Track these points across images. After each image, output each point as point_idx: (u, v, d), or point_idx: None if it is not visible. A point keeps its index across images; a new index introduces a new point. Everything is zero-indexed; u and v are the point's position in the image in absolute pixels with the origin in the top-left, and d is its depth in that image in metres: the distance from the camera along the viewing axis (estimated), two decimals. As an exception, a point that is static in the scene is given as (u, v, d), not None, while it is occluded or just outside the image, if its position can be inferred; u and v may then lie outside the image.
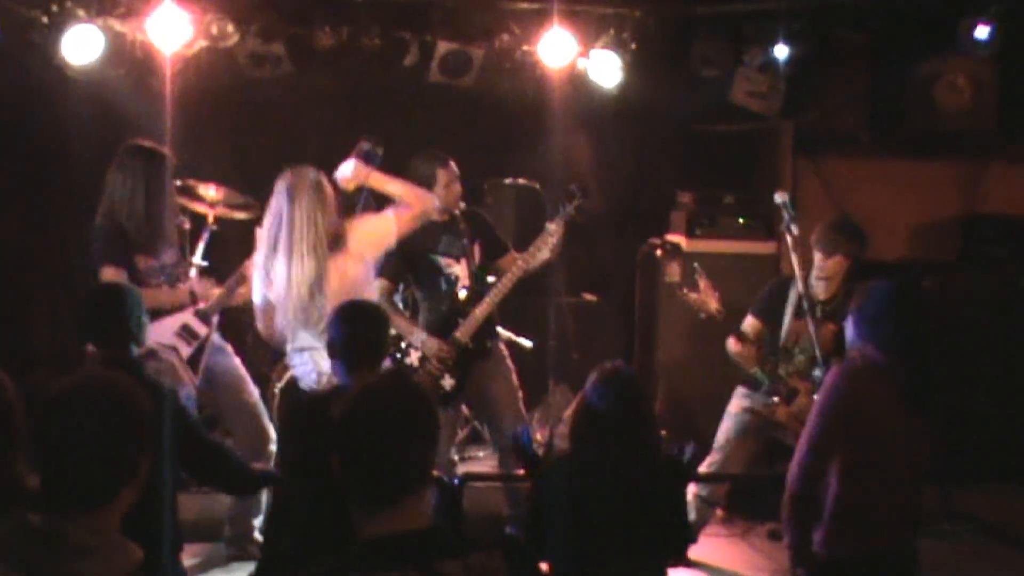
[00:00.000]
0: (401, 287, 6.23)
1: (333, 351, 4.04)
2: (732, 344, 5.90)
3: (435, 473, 3.68)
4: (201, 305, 5.59)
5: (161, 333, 5.38)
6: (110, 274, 5.28)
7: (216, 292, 5.67)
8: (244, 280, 5.59)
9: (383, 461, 2.26)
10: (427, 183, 5.83)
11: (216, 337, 5.71)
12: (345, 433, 2.29)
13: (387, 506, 2.27)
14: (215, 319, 5.67)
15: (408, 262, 5.90)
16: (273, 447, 5.81)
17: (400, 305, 6.29)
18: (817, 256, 5.81)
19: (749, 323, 5.98)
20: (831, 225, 5.87)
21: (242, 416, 5.67)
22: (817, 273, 5.81)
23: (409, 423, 2.30)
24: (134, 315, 4.07)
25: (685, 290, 5.99)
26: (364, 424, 2.28)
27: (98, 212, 5.49)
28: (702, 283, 5.89)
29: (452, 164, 5.87)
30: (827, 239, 5.77)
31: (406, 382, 2.44)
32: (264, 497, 5.99)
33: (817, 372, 5.52)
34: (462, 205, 6.02)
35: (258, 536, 5.68)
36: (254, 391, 5.84)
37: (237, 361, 5.87)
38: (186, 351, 5.50)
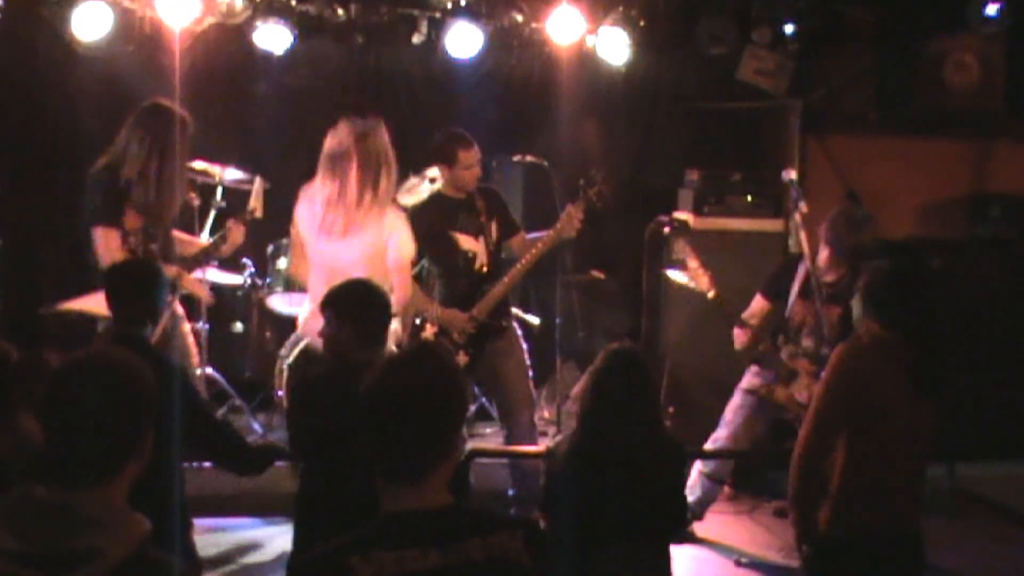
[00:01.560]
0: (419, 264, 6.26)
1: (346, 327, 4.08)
2: (736, 337, 5.87)
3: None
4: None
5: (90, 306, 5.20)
6: (106, 234, 5.21)
7: (200, 245, 5.59)
8: (227, 239, 5.57)
9: (408, 437, 2.25)
10: (446, 160, 5.86)
11: (177, 305, 5.63)
12: (371, 407, 2.29)
13: (410, 481, 2.27)
14: (178, 290, 5.55)
15: (426, 239, 5.92)
16: None
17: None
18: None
19: (756, 303, 5.96)
20: (830, 217, 5.77)
21: None
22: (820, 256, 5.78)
23: (436, 398, 2.29)
24: (156, 296, 4.06)
25: (674, 270, 5.99)
26: (390, 398, 2.27)
27: (98, 161, 5.40)
28: (691, 263, 5.89)
29: (475, 148, 5.87)
30: (825, 230, 5.71)
31: (435, 356, 2.43)
32: None
33: (824, 352, 5.52)
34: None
35: None
36: (195, 373, 5.79)
37: (191, 336, 5.81)
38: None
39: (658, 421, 4.00)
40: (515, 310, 6.95)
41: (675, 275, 6.30)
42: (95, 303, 5.09)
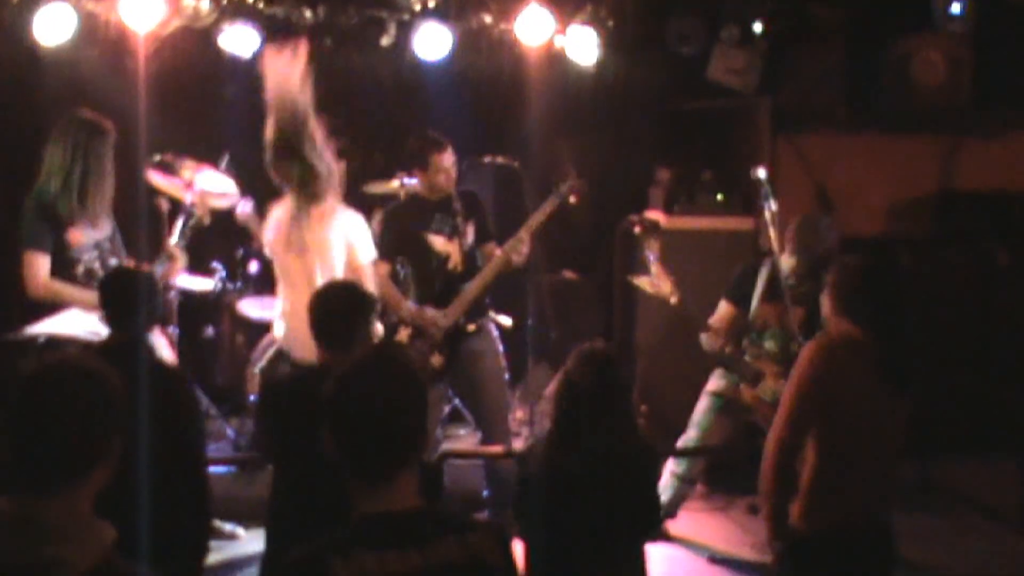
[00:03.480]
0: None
1: (312, 331, 4.06)
2: (704, 341, 5.88)
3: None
4: None
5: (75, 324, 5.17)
6: (32, 261, 5.13)
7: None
8: (172, 259, 5.52)
9: (375, 437, 2.27)
10: (420, 164, 5.86)
11: None
12: (336, 409, 2.30)
13: (381, 483, 2.28)
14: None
15: (400, 240, 5.91)
16: None
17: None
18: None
19: (721, 309, 5.96)
20: (794, 226, 5.78)
21: None
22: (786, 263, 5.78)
23: (399, 398, 2.31)
24: (155, 302, 4.02)
25: (637, 276, 6.00)
26: (355, 400, 2.29)
27: (32, 186, 5.33)
28: (654, 268, 5.91)
29: (448, 150, 5.87)
30: (789, 239, 5.73)
31: (394, 358, 2.44)
32: None
33: (793, 349, 5.53)
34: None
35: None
36: None
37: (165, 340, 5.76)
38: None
39: (632, 422, 4.00)
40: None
41: (639, 281, 6.33)
42: (63, 323, 5.06)
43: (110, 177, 5.41)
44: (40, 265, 5.14)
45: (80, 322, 5.03)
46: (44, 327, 5.03)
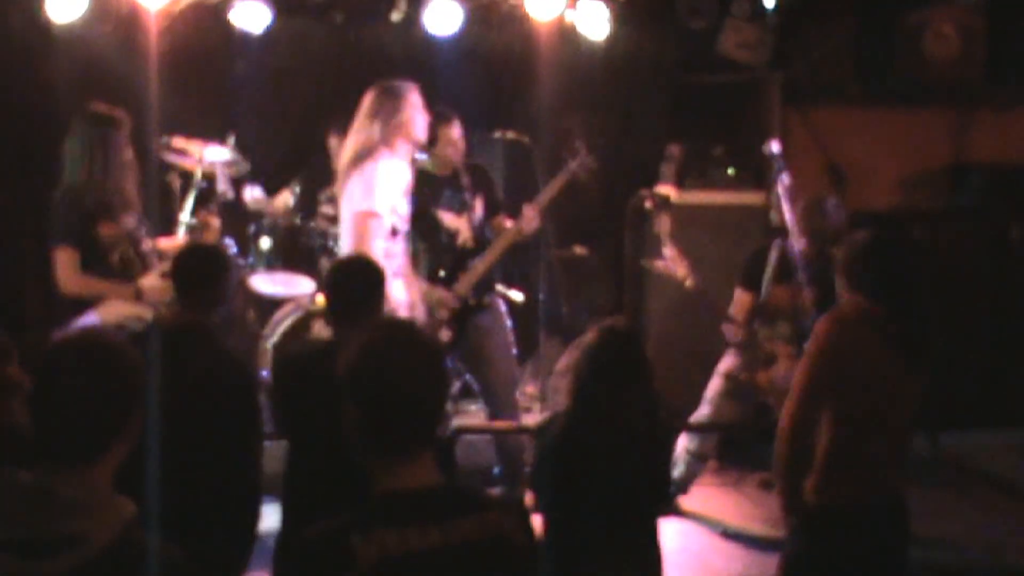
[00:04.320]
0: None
1: (327, 309, 4.07)
2: (727, 333, 5.87)
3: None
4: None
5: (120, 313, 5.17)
6: (62, 257, 5.14)
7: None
8: (207, 227, 5.53)
9: (402, 412, 2.25)
10: (429, 140, 5.85)
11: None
12: (361, 384, 2.27)
13: (404, 458, 2.26)
14: None
15: (410, 217, 5.92)
16: None
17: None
18: None
19: (738, 298, 5.94)
20: (801, 208, 5.76)
21: None
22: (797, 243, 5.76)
23: (425, 372, 2.28)
24: (224, 282, 3.99)
25: (651, 259, 5.99)
26: (381, 374, 2.26)
27: (58, 184, 5.36)
28: (668, 251, 5.90)
29: (456, 123, 5.86)
30: (798, 220, 5.71)
31: (413, 330, 2.42)
32: None
33: (806, 324, 5.53)
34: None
35: None
36: None
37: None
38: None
39: (652, 398, 3.99)
40: (498, 286, 6.95)
41: (653, 264, 6.35)
42: (107, 313, 5.06)
43: (132, 167, 5.42)
44: (71, 260, 5.15)
45: (124, 310, 5.05)
46: (89, 319, 5.04)
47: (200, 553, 2.37)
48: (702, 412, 6.05)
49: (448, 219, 5.92)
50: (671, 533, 5.57)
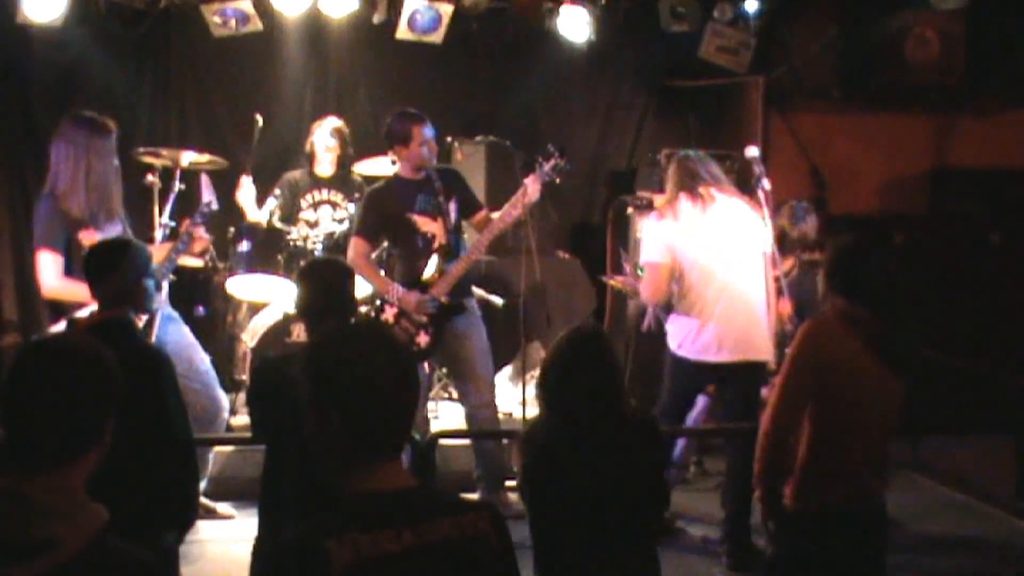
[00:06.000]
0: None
1: (298, 309, 4.05)
2: None
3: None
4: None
5: None
6: (46, 260, 5.11)
7: (162, 254, 5.42)
8: (192, 240, 5.48)
9: (383, 413, 2.23)
10: (402, 141, 5.83)
11: (166, 306, 5.55)
12: (337, 383, 2.24)
13: (378, 461, 2.24)
14: (164, 286, 5.48)
15: (384, 221, 5.90)
16: (225, 415, 5.82)
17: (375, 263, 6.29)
18: None
19: None
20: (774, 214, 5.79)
21: (194, 384, 5.52)
22: None
23: (400, 371, 2.26)
24: (131, 275, 3.97)
25: (610, 275, 5.99)
26: (362, 375, 2.22)
27: (43, 188, 5.31)
28: (627, 267, 5.91)
29: (427, 123, 5.86)
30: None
31: (386, 330, 2.41)
32: (210, 458, 6.01)
33: (787, 329, 5.54)
34: (434, 163, 5.99)
35: (202, 499, 5.71)
36: (205, 358, 5.75)
37: (187, 329, 5.73)
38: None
39: (624, 400, 3.96)
40: (480, 291, 6.92)
41: (612, 281, 6.37)
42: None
43: (117, 175, 5.39)
44: (55, 264, 5.13)
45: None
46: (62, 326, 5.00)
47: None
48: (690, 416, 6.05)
49: (423, 223, 5.90)
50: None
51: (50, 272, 5.12)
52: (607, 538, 3.61)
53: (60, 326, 4.96)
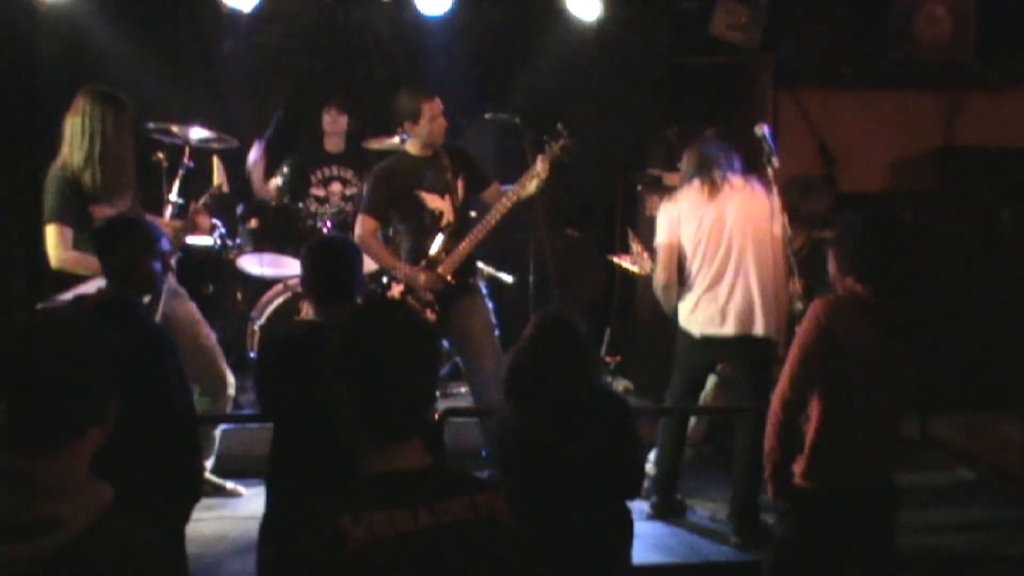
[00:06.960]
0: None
1: (305, 288, 4.05)
2: None
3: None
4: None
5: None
6: (56, 232, 5.11)
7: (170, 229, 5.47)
8: (199, 213, 5.48)
9: (398, 392, 2.23)
10: (411, 117, 5.81)
11: (172, 281, 5.57)
12: (353, 362, 2.24)
13: (394, 440, 2.25)
14: (171, 263, 5.46)
15: (392, 199, 5.88)
16: (231, 391, 5.82)
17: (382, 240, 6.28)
18: None
19: None
20: (784, 188, 5.75)
21: (199, 360, 5.52)
22: None
23: (416, 349, 2.27)
24: (137, 254, 3.94)
25: (617, 255, 5.98)
26: (376, 353, 2.23)
27: (55, 159, 5.27)
28: (635, 246, 5.89)
29: (437, 99, 5.83)
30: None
31: (404, 308, 2.40)
32: (217, 435, 6.02)
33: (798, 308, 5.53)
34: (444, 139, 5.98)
35: (210, 476, 5.73)
36: (211, 334, 5.76)
37: (193, 305, 5.71)
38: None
39: (592, 380, 3.96)
40: (489, 268, 6.92)
41: (619, 260, 6.34)
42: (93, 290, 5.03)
43: (131, 150, 5.36)
44: (65, 237, 5.12)
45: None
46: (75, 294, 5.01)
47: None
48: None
49: (432, 200, 5.88)
50: (659, 518, 5.71)
51: (59, 243, 5.12)
52: (579, 512, 3.64)
53: (66, 296, 4.96)
